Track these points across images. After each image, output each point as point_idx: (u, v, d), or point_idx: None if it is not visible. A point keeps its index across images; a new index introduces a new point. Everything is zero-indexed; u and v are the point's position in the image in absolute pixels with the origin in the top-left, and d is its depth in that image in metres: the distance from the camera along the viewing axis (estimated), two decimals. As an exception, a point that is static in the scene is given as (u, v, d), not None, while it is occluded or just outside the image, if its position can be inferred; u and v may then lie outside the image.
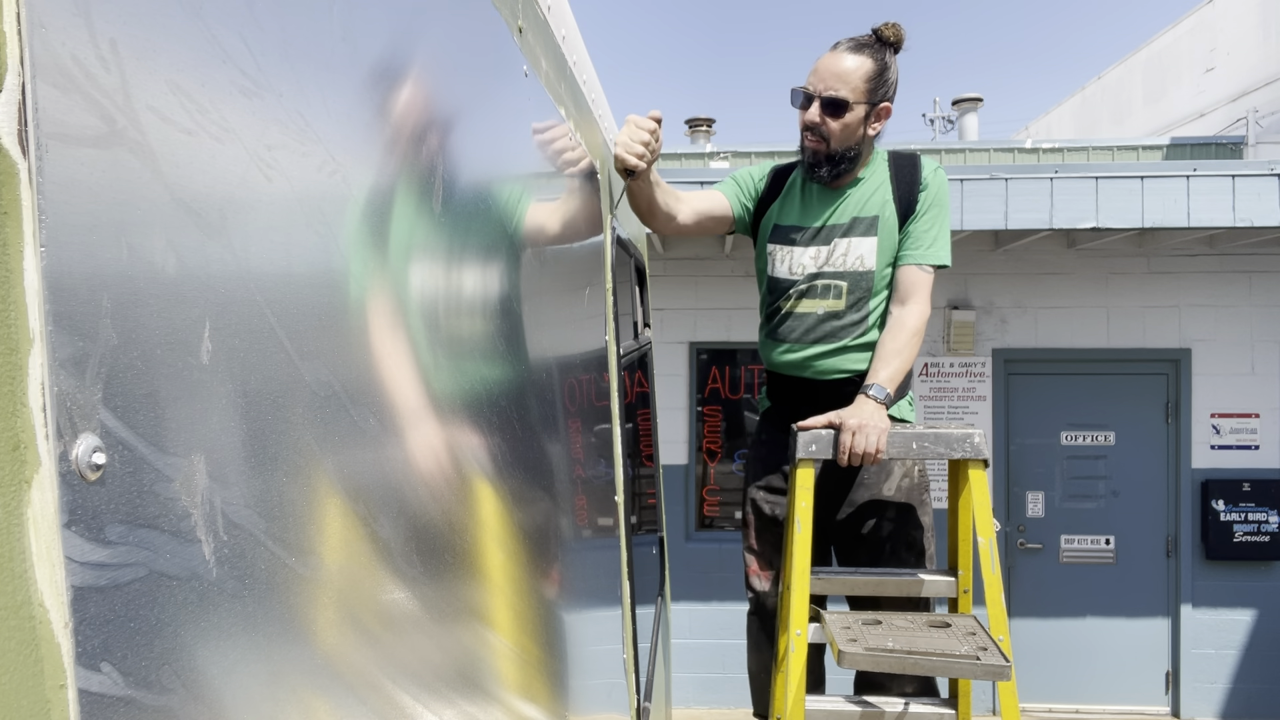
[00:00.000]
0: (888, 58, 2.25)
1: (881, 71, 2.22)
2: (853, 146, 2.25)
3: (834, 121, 2.22)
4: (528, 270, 1.14)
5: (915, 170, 2.32)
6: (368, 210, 0.64)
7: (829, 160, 2.26)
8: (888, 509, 2.33)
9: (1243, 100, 7.96)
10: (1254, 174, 4.73)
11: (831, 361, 2.32)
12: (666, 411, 5.89)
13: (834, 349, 2.31)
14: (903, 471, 2.35)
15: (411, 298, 0.72)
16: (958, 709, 2.16)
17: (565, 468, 1.33)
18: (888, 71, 2.24)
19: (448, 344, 0.81)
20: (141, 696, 0.39)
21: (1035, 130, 12.87)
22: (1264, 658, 5.74)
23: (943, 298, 5.87)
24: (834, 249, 2.31)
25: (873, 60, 2.22)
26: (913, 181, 2.30)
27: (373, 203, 0.65)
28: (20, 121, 0.34)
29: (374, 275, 0.65)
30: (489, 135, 0.98)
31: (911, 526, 2.35)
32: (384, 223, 0.67)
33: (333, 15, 0.59)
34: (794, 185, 2.39)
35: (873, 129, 2.27)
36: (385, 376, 0.66)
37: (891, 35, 2.24)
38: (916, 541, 2.34)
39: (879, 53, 2.24)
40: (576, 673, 1.33)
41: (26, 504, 0.35)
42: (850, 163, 2.27)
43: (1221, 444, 5.78)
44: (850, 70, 2.21)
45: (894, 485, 2.34)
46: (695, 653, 5.82)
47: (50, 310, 0.35)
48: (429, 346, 0.76)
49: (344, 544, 0.58)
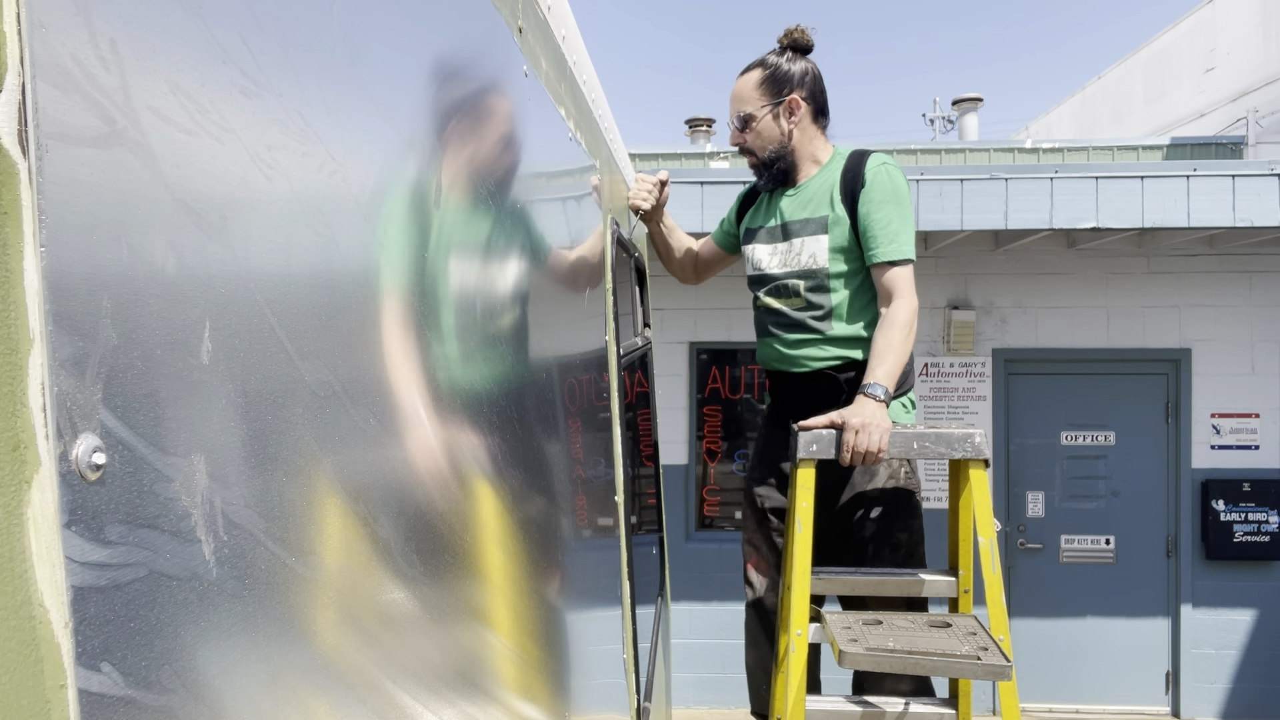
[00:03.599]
0: (779, 59, 2.42)
1: (773, 72, 2.42)
2: (779, 147, 2.42)
3: (749, 134, 2.45)
4: (528, 270, 1.14)
5: (859, 168, 2.36)
6: (368, 210, 0.64)
7: (766, 167, 2.46)
8: (872, 508, 2.34)
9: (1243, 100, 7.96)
10: (1254, 174, 4.73)
11: (803, 352, 2.40)
12: (666, 411, 5.90)
13: (803, 339, 2.39)
14: (888, 473, 2.35)
15: (411, 298, 0.72)
16: (958, 709, 2.16)
17: (565, 468, 1.33)
18: (779, 69, 2.41)
19: (448, 344, 0.81)
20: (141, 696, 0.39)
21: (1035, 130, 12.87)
22: (1264, 658, 5.74)
23: (943, 297, 5.87)
24: (791, 248, 2.44)
25: (760, 69, 2.44)
26: (855, 180, 2.35)
27: (373, 203, 0.65)
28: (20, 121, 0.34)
29: (374, 275, 0.66)
30: (489, 135, 0.98)
31: (897, 528, 2.35)
32: (384, 223, 0.67)
33: (333, 15, 0.59)
34: (761, 196, 2.59)
35: (790, 123, 2.41)
36: (385, 377, 0.66)
37: (785, 40, 2.46)
38: (902, 543, 2.34)
39: (769, 59, 2.44)
40: (577, 673, 1.33)
41: (26, 504, 0.35)
42: (785, 161, 2.43)
43: (1221, 444, 5.78)
44: (744, 89, 2.45)
45: (879, 486, 2.35)
46: (695, 653, 5.82)
47: (50, 310, 0.35)
48: (429, 346, 0.76)
49: (344, 544, 0.58)
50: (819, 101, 2.45)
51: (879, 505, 2.34)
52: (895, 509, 2.35)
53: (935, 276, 5.83)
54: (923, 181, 4.82)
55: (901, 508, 2.36)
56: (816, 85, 2.44)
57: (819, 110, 2.45)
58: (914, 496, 2.38)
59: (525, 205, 1.14)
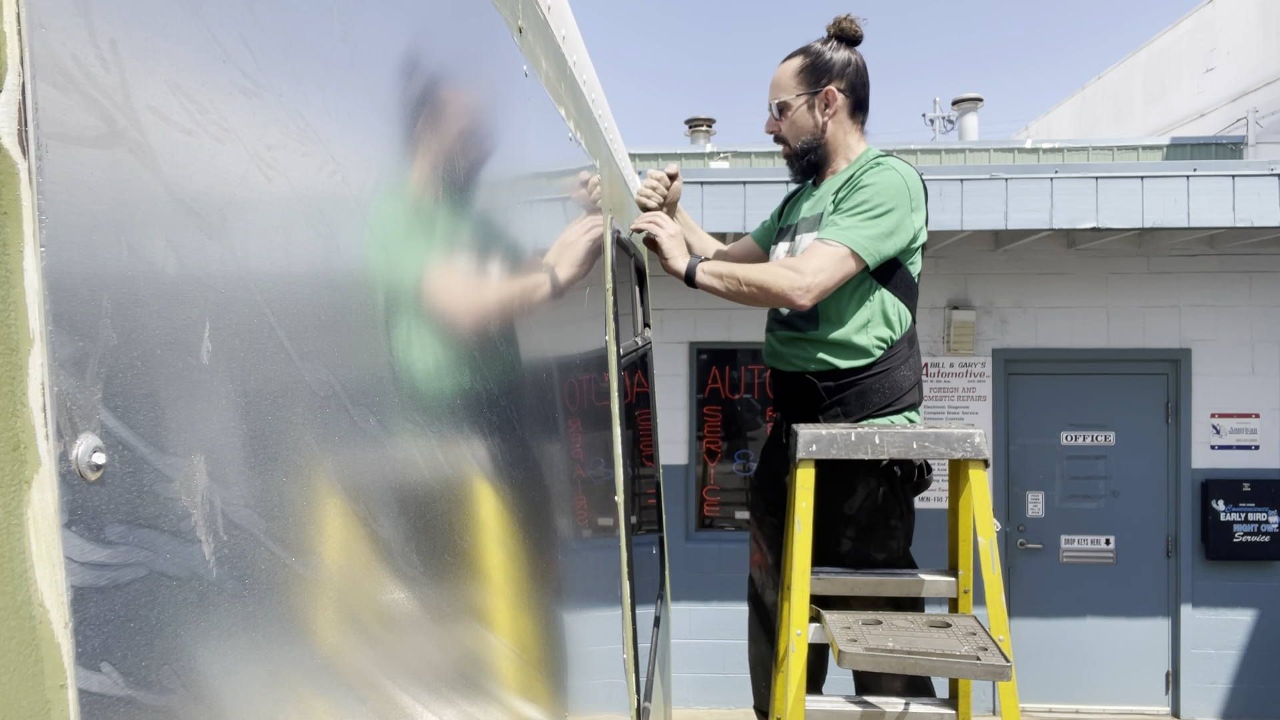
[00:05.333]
0: (823, 47, 2.36)
1: (814, 61, 2.35)
2: (812, 139, 2.37)
3: (783, 123, 2.39)
4: (527, 270, 1.15)
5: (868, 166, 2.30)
6: (368, 210, 0.64)
7: (798, 157, 2.41)
8: (848, 528, 2.29)
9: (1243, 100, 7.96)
10: (1254, 174, 4.73)
11: (790, 350, 2.38)
12: (666, 411, 5.89)
13: (791, 338, 2.37)
14: (865, 491, 2.29)
15: (411, 298, 0.72)
16: (958, 709, 2.16)
17: (565, 468, 1.33)
18: (820, 58, 2.35)
19: (448, 344, 0.81)
20: (141, 696, 0.39)
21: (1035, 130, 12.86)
22: (1264, 658, 5.74)
23: (943, 298, 5.87)
24: (794, 247, 2.40)
25: (802, 56, 2.36)
26: (856, 177, 2.29)
27: (372, 203, 0.65)
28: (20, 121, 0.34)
29: (374, 275, 0.66)
30: (489, 135, 0.98)
31: (873, 549, 2.30)
32: (383, 223, 0.67)
33: (333, 15, 0.59)
34: (798, 193, 2.55)
35: (826, 114, 2.35)
36: (385, 377, 0.66)
37: (833, 29, 2.38)
38: (879, 564, 2.30)
39: (813, 46, 2.37)
40: (577, 673, 1.33)
41: (26, 504, 0.35)
42: (817, 153, 2.38)
43: (1221, 444, 5.78)
44: (783, 75, 2.39)
45: (855, 504, 2.29)
46: (695, 653, 5.82)
47: (50, 310, 0.35)
48: (429, 346, 0.76)
49: (344, 544, 0.58)
50: (859, 95, 2.36)
51: (854, 526, 2.29)
52: (871, 531, 2.29)
53: (935, 276, 5.83)
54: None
55: (877, 529, 2.29)
56: (858, 78, 2.35)
57: (857, 104, 2.36)
58: (890, 519, 2.30)
59: (525, 205, 1.14)
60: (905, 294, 2.31)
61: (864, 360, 2.27)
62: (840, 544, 2.30)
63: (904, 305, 2.30)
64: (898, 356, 2.30)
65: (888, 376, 2.28)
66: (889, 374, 2.28)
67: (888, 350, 2.28)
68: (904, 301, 2.30)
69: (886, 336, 2.28)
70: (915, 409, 2.35)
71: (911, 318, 2.33)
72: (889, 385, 2.28)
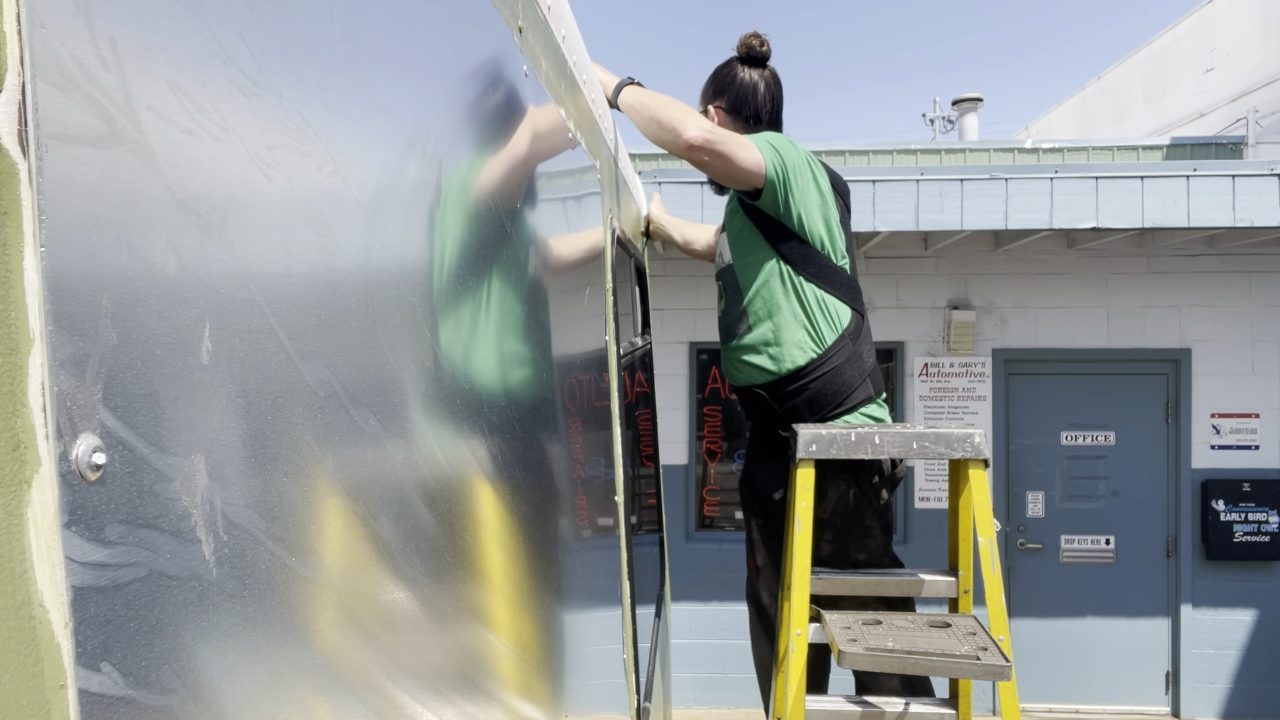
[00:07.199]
0: (720, 68, 2.54)
1: (707, 82, 2.56)
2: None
3: None
4: (527, 270, 1.14)
5: None
6: (368, 210, 0.64)
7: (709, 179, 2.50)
8: (824, 531, 2.30)
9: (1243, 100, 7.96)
10: (1254, 174, 4.73)
11: (732, 360, 2.42)
12: (666, 411, 5.89)
13: (731, 347, 2.42)
14: (836, 495, 2.30)
15: (411, 298, 0.72)
16: (958, 709, 2.16)
17: (565, 468, 1.33)
18: (711, 80, 2.55)
19: (448, 344, 0.81)
20: (141, 696, 0.39)
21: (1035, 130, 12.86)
22: (1264, 658, 5.74)
23: (943, 297, 5.87)
24: (721, 251, 2.52)
25: (708, 82, 2.56)
26: None
27: (373, 203, 0.65)
28: (20, 121, 0.34)
29: (374, 275, 0.65)
30: (489, 135, 0.98)
31: (852, 549, 2.31)
32: (383, 223, 0.67)
33: (333, 15, 0.59)
34: None
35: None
36: (385, 376, 0.66)
37: (740, 49, 2.54)
38: (861, 563, 2.32)
39: (716, 68, 2.55)
40: (577, 673, 1.33)
41: (26, 504, 0.35)
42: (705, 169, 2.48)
43: (1221, 444, 5.78)
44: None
45: (828, 509, 2.30)
46: (695, 653, 5.82)
47: (50, 310, 0.35)
48: (429, 346, 0.76)
49: (344, 544, 0.58)
50: (745, 113, 2.47)
51: (830, 529, 2.31)
52: (847, 533, 2.31)
53: (935, 276, 5.83)
54: (923, 181, 4.81)
55: (853, 530, 2.31)
56: (742, 96, 2.47)
57: (749, 119, 2.47)
58: (865, 519, 2.32)
59: (525, 205, 1.14)
60: (840, 289, 2.31)
61: (799, 362, 2.28)
62: (820, 548, 2.30)
63: (840, 302, 2.30)
64: (839, 355, 2.28)
65: (833, 378, 2.27)
66: (834, 374, 2.27)
67: (826, 350, 2.27)
68: (839, 298, 2.30)
69: (820, 336, 2.28)
70: (873, 402, 2.34)
71: (853, 313, 2.32)
72: (836, 386, 2.28)
